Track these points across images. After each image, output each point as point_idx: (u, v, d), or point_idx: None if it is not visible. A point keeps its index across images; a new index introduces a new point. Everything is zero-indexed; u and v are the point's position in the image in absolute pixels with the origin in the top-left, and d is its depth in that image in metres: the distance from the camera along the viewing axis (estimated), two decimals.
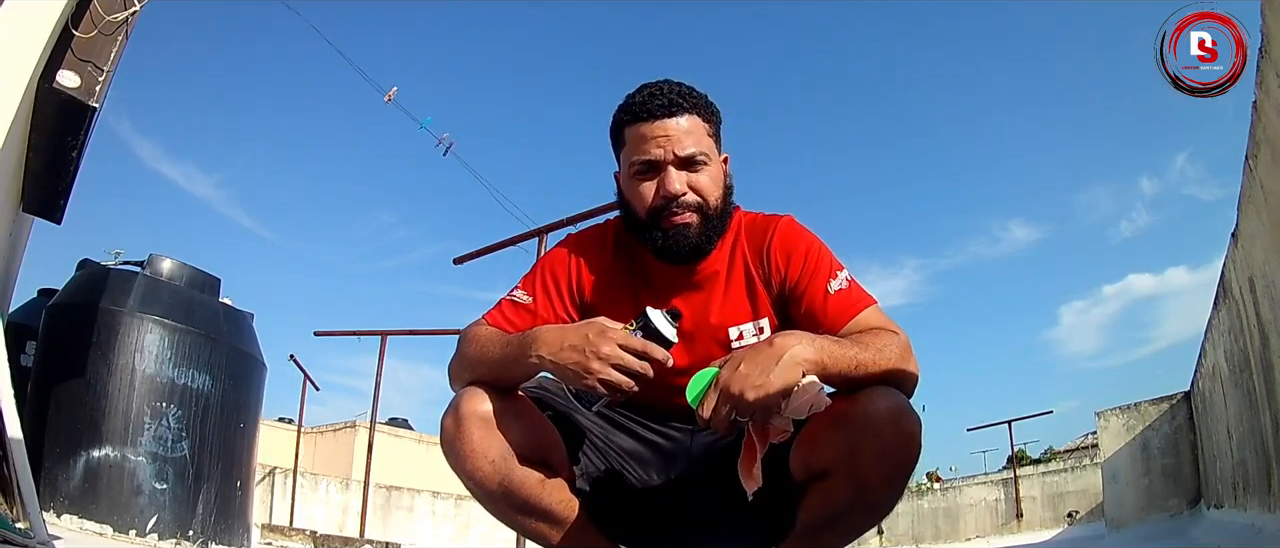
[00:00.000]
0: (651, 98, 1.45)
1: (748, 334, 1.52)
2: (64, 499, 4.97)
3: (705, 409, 1.23)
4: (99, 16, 3.89)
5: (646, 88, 1.47)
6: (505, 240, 8.45)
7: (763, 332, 1.52)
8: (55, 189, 4.83)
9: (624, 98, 1.50)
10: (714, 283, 1.53)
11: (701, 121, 1.47)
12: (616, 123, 1.52)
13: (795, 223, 1.55)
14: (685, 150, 1.43)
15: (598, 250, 1.59)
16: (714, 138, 1.51)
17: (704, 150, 1.46)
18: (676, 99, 1.44)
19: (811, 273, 1.47)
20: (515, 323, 1.50)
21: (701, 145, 1.45)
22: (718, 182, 1.49)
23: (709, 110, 1.50)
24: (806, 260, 1.48)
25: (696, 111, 1.46)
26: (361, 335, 12.81)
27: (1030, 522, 16.01)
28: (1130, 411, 11.71)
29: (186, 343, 5.70)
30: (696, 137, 1.45)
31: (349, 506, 16.38)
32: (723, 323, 1.53)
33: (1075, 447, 25.89)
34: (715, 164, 1.49)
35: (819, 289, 1.45)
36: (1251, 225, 4.78)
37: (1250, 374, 5.65)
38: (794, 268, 1.49)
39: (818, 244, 1.52)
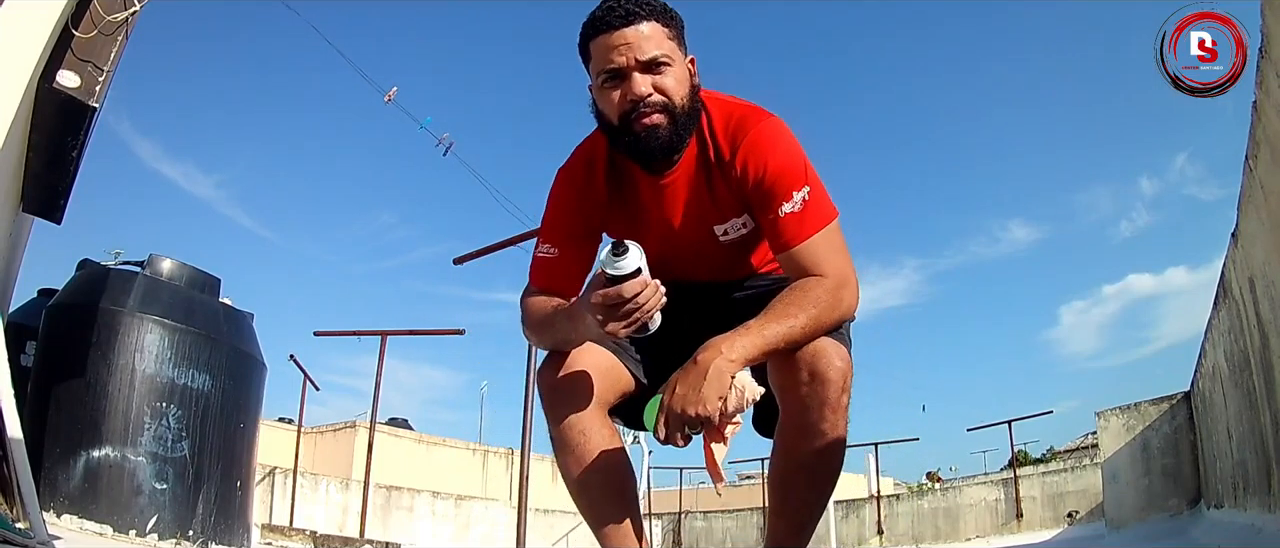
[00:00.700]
0: (610, 10, 1.49)
1: (733, 230, 1.62)
2: (64, 499, 4.97)
3: (659, 432, 1.37)
4: (99, 16, 3.89)
5: (607, 1, 1.51)
6: (505, 240, 8.47)
7: (746, 226, 1.61)
8: (55, 189, 4.83)
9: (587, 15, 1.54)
10: (694, 182, 1.59)
11: (660, 26, 1.51)
12: (583, 38, 1.55)
13: (769, 131, 1.54)
14: (646, 54, 1.47)
15: (586, 175, 1.67)
16: (676, 41, 1.54)
17: (666, 52, 1.50)
18: (634, 7, 1.48)
19: (769, 190, 1.50)
20: (552, 280, 1.65)
21: (662, 48, 1.50)
22: (683, 82, 1.52)
23: (668, 15, 1.54)
24: (767, 175, 1.51)
25: (655, 17, 1.50)
26: (361, 335, 12.83)
27: (1030, 522, 16.00)
28: (1130, 410, 11.70)
29: (186, 343, 5.70)
30: (657, 41, 1.49)
31: (349, 506, 16.37)
32: (705, 221, 1.62)
33: (1075, 447, 25.89)
34: (679, 65, 1.53)
35: (774, 210, 1.50)
36: (1251, 225, 4.78)
37: (1250, 374, 5.65)
38: (754, 180, 1.52)
39: (781, 157, 1.52)
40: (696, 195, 1.60)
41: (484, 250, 8.92)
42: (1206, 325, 7.77)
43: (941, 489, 19.19)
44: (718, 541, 22.52)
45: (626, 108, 1.49)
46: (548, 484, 24.92)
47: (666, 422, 1.36)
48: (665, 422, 1.36)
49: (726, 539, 22.32)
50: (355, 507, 15.26)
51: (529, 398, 7.47)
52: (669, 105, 1.49)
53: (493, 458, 24.11)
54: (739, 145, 1.53)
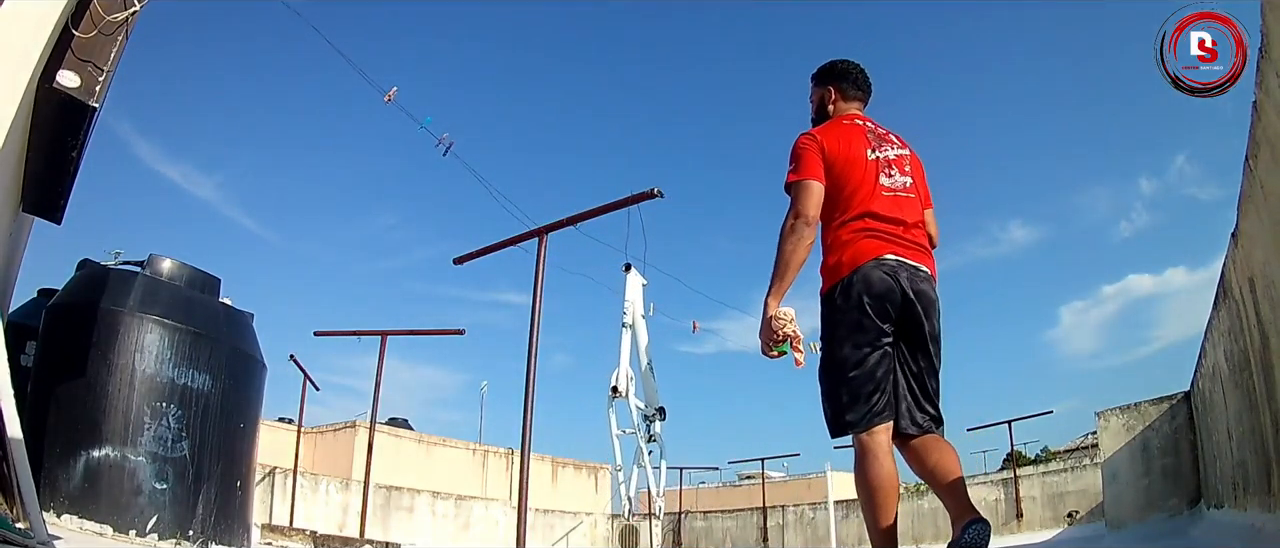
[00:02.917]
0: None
1: None
2: (64, 499, 4.97)
3: (782, 351, 2.37)
4: (99, 16, 3.89)
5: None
6: (505, 240, 8.46)
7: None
8: (55, 189, 4.83)
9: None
10: None
11: (811, 85, 2.84)
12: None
13: (804, 134, 2.55)
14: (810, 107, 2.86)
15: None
16: (812, 88, 2.82)
17: (810, 100, 2.84)
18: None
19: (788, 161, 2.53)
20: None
21: (811, 98, 2.84)
22: (814, 106, 2.81)
23: (814, 78, 2.82)
24: (790, 152, 2.54)
25: (811, 80, 2.84)
26: (361, 335, 12.83)
27: (1030, 522, 16.00)
28: (1130, 411, 11.70)
29: (186, 343, 5.70)
30: (810, 94, 2.84)
31: (349, 506, 16.38)
32: None
33: (1075, 447, 25.89)
34: (814, 101, 2.81)
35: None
36: (1251, 225, 4.78)
37: (1250, 374, 5.65)
38: None
39: (794, 147, 2.52)
40: None
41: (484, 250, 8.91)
42: (1206, 325, 7.78)
43: None
44: (717, 541, 22.53)
45: None
46: (548, 484, 24.98)
47: (772, 344, 2.35)
48: (772, 344, 2.35)
49: (726, 539, 22.32)
50: (355, 507, 15.27)
51: (529, 398, 7.46)
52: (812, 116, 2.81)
53: (493, 458, 24.12)
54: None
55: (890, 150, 2.50)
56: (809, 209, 2.33)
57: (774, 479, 25.53)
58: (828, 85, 2.71)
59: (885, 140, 2.53)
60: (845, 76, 2.71)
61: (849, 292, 2.29)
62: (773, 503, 21.53)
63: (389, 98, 8.32)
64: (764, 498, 21.72)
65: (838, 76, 2.71)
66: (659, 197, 7.62)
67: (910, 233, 2.39)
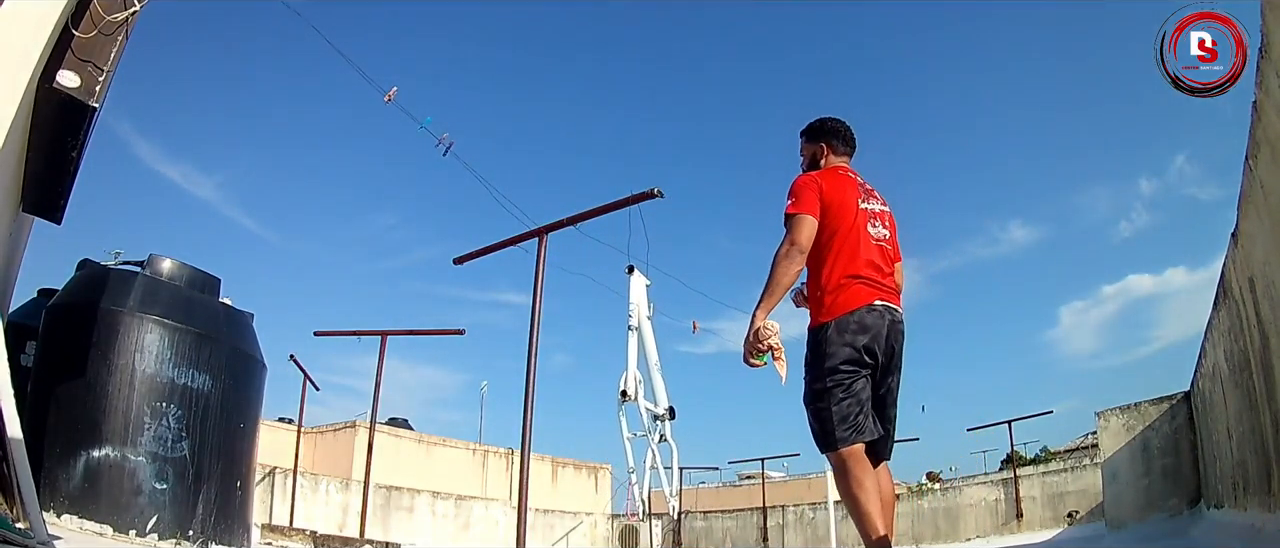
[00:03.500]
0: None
1: None
2: (64, 499, 4.96)
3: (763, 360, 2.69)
4: (99, 16, 3.89)
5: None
6: (505, 240, 8.45)
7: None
8: (55, 189, 4.83)
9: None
10: None
11: (802, 141, 3.13)
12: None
13: (804, 174, 2.90)
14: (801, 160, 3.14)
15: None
16: (803, 144, 3.10)
17: (801, 154, 3.12)
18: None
19: (788, 194, 2.81)
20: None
21: (802, 152, 3.11)
22: (806, 161, 3.07)
23: (805, 134, 3.10)
24: (791, 188, 2.83)
25: (802, 136, 3.12)
26: (361, 335, 12.83)
27: (1030, 522, 16.01)
28: (1130, 411, 11.70)
29: (186, 343, 5.70)
30: (801, 149, 3.13)
31: (349, 506, 16.38)
32: None
33: (1075, 447, 25.89)
34: (806, 156, 3.07)
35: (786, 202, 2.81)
36: (1251, 225, 4.78)
37: (1250, 374, 5.65)
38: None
39: (794, 184, 2.82)
40: None
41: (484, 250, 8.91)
42: (1206, 325, 7.78)
43: (941, 489, 19.20)
44: (717, 541, 22.54)
45: None
46: (548, 484, 24.98)
47: (753, 352, 2.66)
48: (752, 352, 2.66)
49: (726, 539, 22.33)
50: (355, 507, 15.27)
51: (529, 398, 7.46)
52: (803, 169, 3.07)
53: (493, 458, 24.12)
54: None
55: (875, 204, 2.85)
56: (803, 239, 2.66)
57: (774, 479, 25.52)
58: (819, 142, 3.01)
59: (871, 195, 2.87)
60: (835, 134, 3.02)
61: (844, 329, 2.61)
62: (773, 503, 21.53)
63: (389, 98, 8.33)
64: (764, 498, 21.72)
65: (828, 134, 3.02)
66: (659, 197, 7.61)
67: (888, 280, 2.75)
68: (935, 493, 18.90)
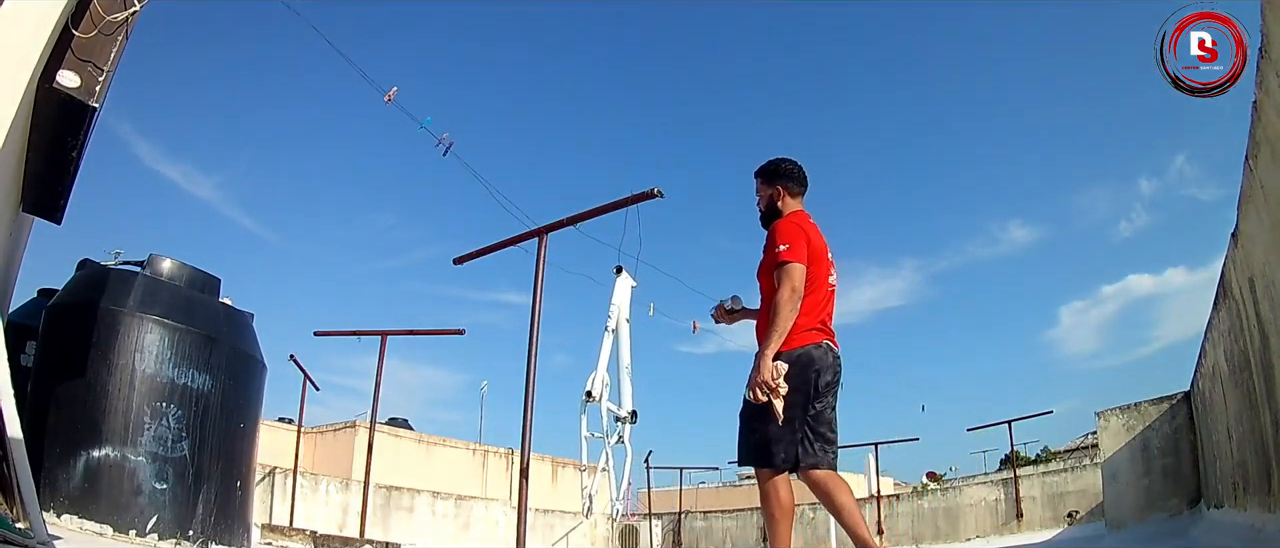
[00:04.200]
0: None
1: (764, 260, 3.08)
2: (64, 499, 4.96)
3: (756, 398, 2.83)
4: (99, 16, 3.89)
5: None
6: (505, 240, 8.44)
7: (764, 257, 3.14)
8: (55, 189, 4.83)
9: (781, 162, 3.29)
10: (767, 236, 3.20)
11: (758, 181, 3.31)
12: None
13: (787, 218, 3.10)
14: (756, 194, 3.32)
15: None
16: (760, 184, 3.28)
17: (758, 193, 3.29)
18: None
19: (772, 241, 3.00)
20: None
21: (759, 192, 3.29)
22: (764, 202, 3.26)
23: (763, 176, 3.28)
24: (774, 234, 3.02)
25: (759, 177, 3.30)
26: (361, 335, 12.81)
27: (1030, 522, 16.00)
28: (1130, 411, 11.70)
29: (186, 343, 5.70)
30: (757, 188, 3.31)
31: (349, 506, 16.37)
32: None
33: (1075, 447, 25.88)
34: (763, 197, 3.27)
35: (773, 247, 2.98)
36: (1251, 225, 4.78)
37: (1250, 374, 5.65)
38: (768, 238, 3.06)
39: (782, 227, 3.01)
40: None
41: (484, 250, 8.89)
42: (1206, 325, 7.78)
43: (941, 489, 19.19)
44: (717, 541, 22.53)
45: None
46: (548, 484, 24.96)
47: (751, 385, 2.81)
48: (755, 394, 2.79)
49: (726, 539, 22.32)
50: (355, 507, 15.26)
51: (529, 398, 7.46)
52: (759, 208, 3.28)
53: (493, 458, 24.11)
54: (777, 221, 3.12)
55: (828, 254, 3.12)
56: (800, 286, 2.89)
57: None
58: (776, 185, 3.19)
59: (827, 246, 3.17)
60: (791, 177, 3.21)
61: (809, 364, 2.89)
62: None
63: (389, 98, 8.31)
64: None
65: (785, 177, 3.20)
66: (659, 197, 7.61)
67: (830, 323, 3.08)
68: (935, 493, 18.90)
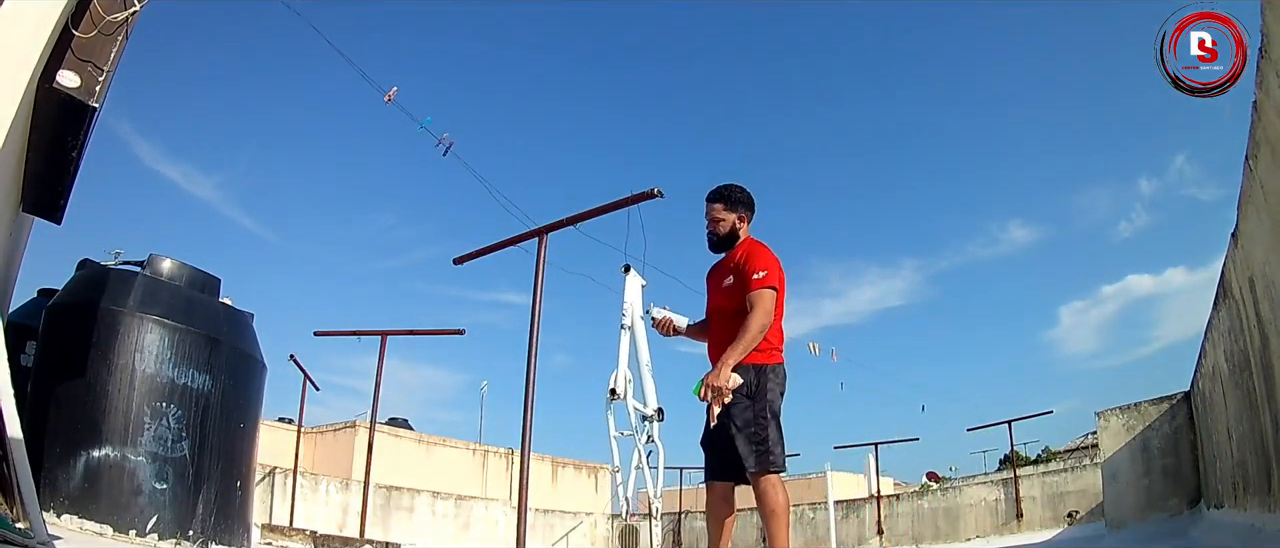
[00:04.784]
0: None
1: (727, 281, 3.32)
2: (64, 499, 4.96)
3: (703, 394, 3.09)
4: (99, 16, 3.89)
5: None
6: (505, 240, 8.42)
7: (732, 279, 3.28)
8: (55, 189, 4.83)
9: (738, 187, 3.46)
10: (724, 262, 3.42)
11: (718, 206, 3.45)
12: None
13: (759, 245, 3.32)
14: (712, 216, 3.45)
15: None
16: (720, 209, 3.42)
17: (716, 216, 3.43)
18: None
19: (751, 265, 3.22)
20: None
21: (718, 216, 3.43)
22: (725, 227, 3.41)
23: (723, 201, 3.43)
24: (751, 259, 3.23)
25: (719, 202, 3.44)
26: (361, 335, 12.80)
27: (1030, 522, 15.99)
28: (1130, 411, 11.70)
29: (186, 343, 5.70)
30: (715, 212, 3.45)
31: (349, 506, 16.37)
32: (721, 279, 3.37)
33: (1075, 447, 25.89)
34: (724, 222, 3.41)
35: (750, 273, 3.19)
36: (1251, 225, 4.78)
37: (1250, 374, 5.65)
38: (741, 258, 3.29)
39: (761, 254, 3.24)
40: (731, 266, 3.34)
41: (484, 250, 8.88)
42: (1206, 325, 7.78)
43: (941, 489, 19.19)
44: None
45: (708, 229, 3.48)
46: (548, 484, 24.97)
47: (706, 392, 3.06)
48: (706, 391, 3.06)
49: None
50: (355, 507, 15.26)
51: (529, 398, 7.46)
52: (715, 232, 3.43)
53: (493, 458, 24.12)
54: (747, 249, 3.32)
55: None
56: (773, 312, 3.14)
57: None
58: (739, 211, 3.38)
59: None
60: (750, 206, 3.42)
61: (779, 376, 3.18)
62: None
63: (389, 98, 8.31)
64: None
65: (745, 205, 3.40)
66: (659, 197, 7.60)
67: None
68: (935, 493, 18.90)
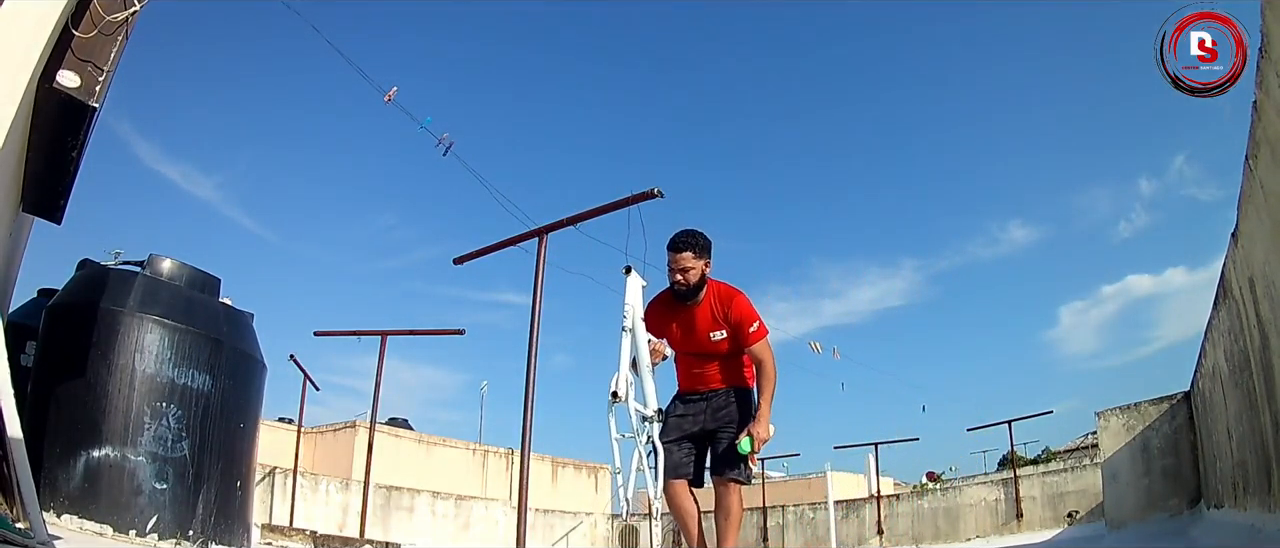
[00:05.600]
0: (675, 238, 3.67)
1: (716, 336, 3.60)
2: (64, 499, 4.96)
3: (756, 451, 3.48)
4: (99, 16, 3.89)
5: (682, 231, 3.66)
6: (505, 240, 8.42)
7: (724, 334, 3.59)
8: (55, 189, 4.82)
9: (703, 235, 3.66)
10: (700, 311, 3.65)
11: (691, 253, 3.61)
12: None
13: (734, 291, 3.61)
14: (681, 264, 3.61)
15: (666, 298, 3.77)
16: (691, 257, 3.59)
17: (686, 263, 3.59)
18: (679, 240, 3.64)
19: (744, 322, 3.55)
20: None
21: (689, 263, 3.59)
22: (696, 273, 3.59)
23: (695, 247, 3.60)
24: (743, 316, 3.55)
25: (691, 249, 3.60)
26: (361, 335, 12.80)
27: (1030, 522, 15.99)
28: (1130, 411, 11.70)
29: (186, 343, 5.70)
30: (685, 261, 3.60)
31: (349, 506, 16.37)
32: (706, 331, 3.63)
33: (1075, 447, 25.89)
34: (696, 269, 3.59)
35: (746, 329, 3.55)
36: (1251, 225, 4.78)
37: (1250, 374, 5.65)
38: (736, 318, 3.56)
39: (747, 304, 3.57)
40: (707, 317, 3.62)
41: (484, 250, 8.88)
42: (1206, 325, 7.78)
43: (941, 489, 19.19)
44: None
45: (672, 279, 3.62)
46: (548, 484, 24.96)
47: (759, 444, 3.44)
48: (760, 444, 3.45)
49: None
50: (355, 507, 15.26)
51: (529, 398, 7.46)
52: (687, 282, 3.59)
53: (493, 458, 24.11)
54: (729, 302, 3.58)
55: None
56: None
57: (774, 479, 25.51)
58: (707, 259, 3.60)
59: None
60: (710, 249, 3.63)
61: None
62: (773, 503, 21.51)
63: (389, 98, 8.32)
64: (764, 498, 21.70)
65: (707, 250, 3.61)
66: (659, 197, 7.60)
67: None
68: (935, 493, 18.90)
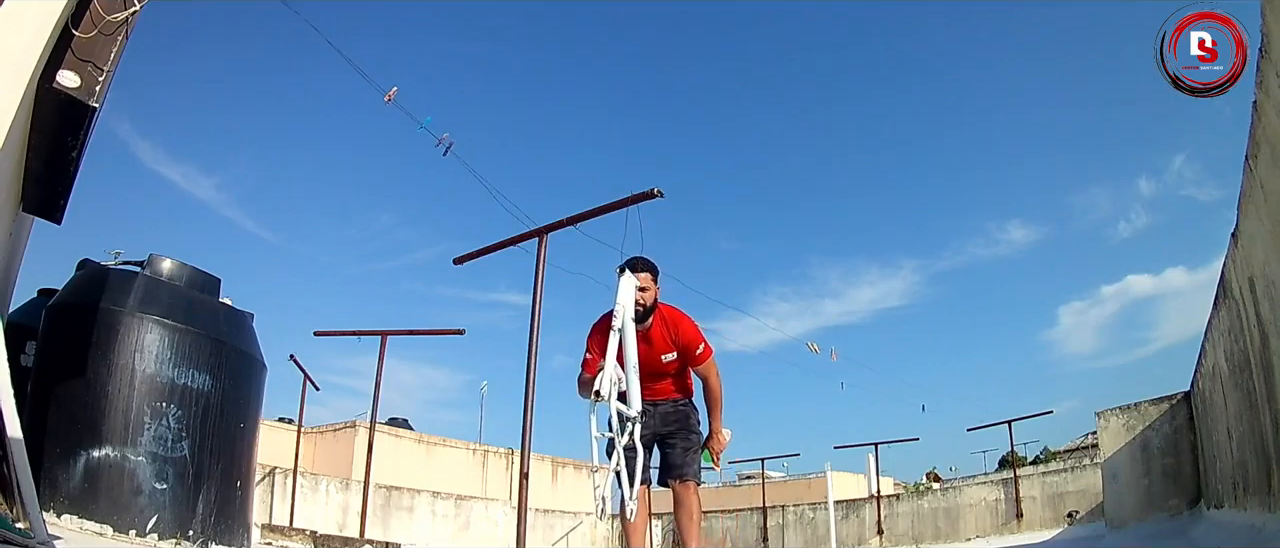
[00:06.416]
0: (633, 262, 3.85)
1: (666, 357, 3.88)
2: (64, 499, 4.96)
3: (717, 461, 4.06)
4: (99, 16, 3.89)
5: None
6: (505, 240, 8.43)
7: (675, 355, 3.87)
8: (55, 189, 4.82)
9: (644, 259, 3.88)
10: (654, 333, 3.87)
11: (649, 277, 3.85)
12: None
13: (681, 315, 3.90)
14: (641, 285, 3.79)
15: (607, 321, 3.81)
16: (649, 280, 3.83)
17: (644, 286, 3.80)
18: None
19: (691, 345, 3.87)
20: (589, 368, 3.79)
21: (646, 287, 3.80)
22: (651, 296, 3.82)
23: (651, 271, 3.86)
24: (691, 340, 3.86)
25: (650, 273, 3.85)
26: (361, 335, 12.80)
27: (1030, 522, 15.99)
28: (1130, 411, 11.70)
29: (186, 343, 5.70)
30: (646, 284, 3.83)
31: (349, 506, 16.36)
32: (660, 353, 3.87)
33: (1075, 447, 25.89)
34: (652, 292, 3.82)
35: (693, 351, 3.88)
36: (1251, 225, 4.78)
37: (1250, 374, 5.65)
38: (685, 338, 3.86)
39: (692, 326, 3.88)
40: (660, 338, 3.88)
41: (484, 250, 8.88)
42: (1206, 325, 7.78)
43: (941, 489, 19.19)
44: (717, 540, 22.51)
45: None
46: (548, 484, 24.95)
47: (718, 456, 3.99)
48: (718, 456, 3.99)
49: (726, 539, 22.31)
50: (355, 507, 15.26)
51: (529, 398, 7.46)
52: (645, 304, 3.79)
53: (493, 458, 24.10)
54: (677, 324, 3.87)
55: None
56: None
57: (774, 479, 25.52)
58: (658, 282, 3.85)
59: None
60: (658, 272, 3.89)
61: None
62: (773, 503, 21.52)
63: (389, 98, 8.31)
64: (764, 498, 21.72)
65: (658, 273, 3.88)
66: (659, 197, 7.60)
67: None
68: (935, 493, 18.90)
